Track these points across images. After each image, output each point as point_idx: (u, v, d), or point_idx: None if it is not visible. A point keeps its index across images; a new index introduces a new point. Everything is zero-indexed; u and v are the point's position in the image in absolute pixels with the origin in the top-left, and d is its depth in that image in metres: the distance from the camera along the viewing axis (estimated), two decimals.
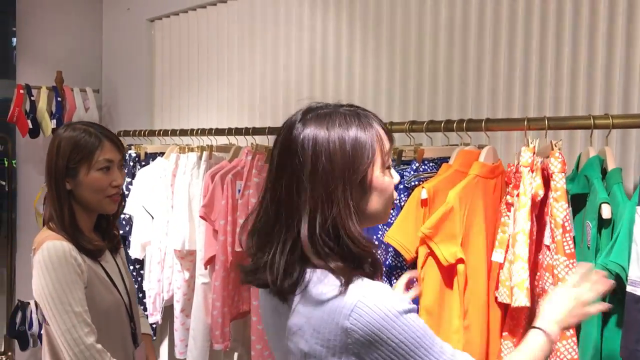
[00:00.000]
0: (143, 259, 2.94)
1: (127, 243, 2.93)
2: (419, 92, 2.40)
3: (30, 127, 3.71)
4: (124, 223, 2.95)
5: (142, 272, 2.96)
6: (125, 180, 2.83)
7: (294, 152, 1.03)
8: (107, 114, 4.17)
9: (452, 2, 2.28)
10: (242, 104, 3.16)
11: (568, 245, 1.49)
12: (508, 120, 1.92)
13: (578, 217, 1.64)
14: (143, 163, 3.07)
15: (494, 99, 2.18)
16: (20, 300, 3.85)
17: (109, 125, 3.90)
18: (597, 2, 1.92)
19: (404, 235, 1.68)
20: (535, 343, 1.12)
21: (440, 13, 2.31)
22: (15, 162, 4.02)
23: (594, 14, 1.93)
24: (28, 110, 3.75)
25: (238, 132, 2.62)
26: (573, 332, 1.47)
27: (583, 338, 1.53)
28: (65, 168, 1.60)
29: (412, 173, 1.85)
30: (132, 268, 2.93)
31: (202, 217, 2.47)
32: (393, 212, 1.75)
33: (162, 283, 2.82)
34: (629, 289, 1.37)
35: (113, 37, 4.14)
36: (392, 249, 1.74)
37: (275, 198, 1.05)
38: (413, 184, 1.81)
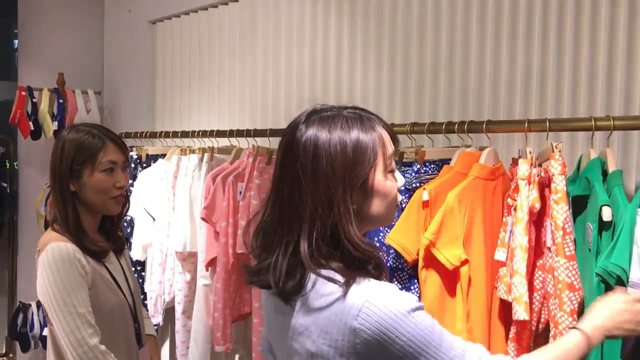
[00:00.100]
0: (144, 261, 2.95)
1: (128, 245, 2.93)
2: (420, 93, 2.39)
3: (32, 129, 3.71)
4: (125, 225, 2.95)
5: (143, 274, 2.96)
6: None
7: (297, 154, 1.04)
8: (108, 116, 4.18)
9: (453, 3, 2.28)
10: (243, 106, 3.16)
11: (568, 248, 1.49)
12: (509, 122, 1.91)
13: (579, 219, 1.63)
14: (144, 165, 3.07)
15: (495, 101, 2.18)
16: (22, 302, 3.85)
17: (111, 127, 3.87)
18: (598, 3, 1.92)
19: (405, 237, 1.68)
20: (572, 342, 1.10)
21: (442, 14, 2.31)
22: (17, 163, 4.02)
23: (596, 15, 1.92)
24: (30, 112, 3.76)
25: (239, 133, 2.62)
26: None
27: None
28: (69, 170, 1.61)
29: (413, 175, 1.84)
30: (133, 270, 2.93)
31: (203, 218, 2.46)
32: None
33: (163, 285, 2.82)
34: (630, 291, 1.36)
35: (114, 39, 4.15)
36: (393, 251, 1.74)
37: (279, 200, 1.06)
38: (414, 186, 1.80)
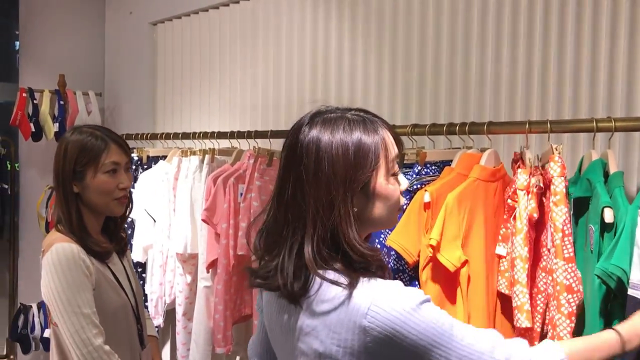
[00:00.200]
0: (145, 263, 2.95)
1: (129, 246, 2.93)
2: (421, 95, 2.39)
3: (33, 130, 3.71)
4: (126, 226, 2.95)
5: (143, 275, 2.96)
6: None
7: (300, 155, 1.04)
8: (109, 118, 4.18)
9: (454, 5, 2.28)
10: (244, 107, 3.16)
11: (567, 250, 1.49)
12: (510, 124, 1.91)
13: (581, 220, 1.63)
14: (145, 166, 3.07)
15: (497, 102, 2.18)
16: (23, 304, 3.85)
17: (112, 129, 3.87)
18: (599, 5, 1.92)
19: (406, 239, 1.68)
20: (602, 338, 1.10)
21: (443, 16, 2.31)
22: (18, 165, 4.02)
23: (597, 16, 1.92)
24: (31, 114, 3.76)
25: (240, 135, 2.62)
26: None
27: None
28: (72, 171, 1.62)
29: (414, 176, 1.84)
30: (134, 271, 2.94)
31: (204, 220, 2.46)
32: None
33: (164, 286, 2.82)
34: (631, 292, 1.36)
35: (115, 40, 4.15)
36: (394, 252, 1.74)
37: (283, 201, 1.06)
38: (415, 188, 1.80)
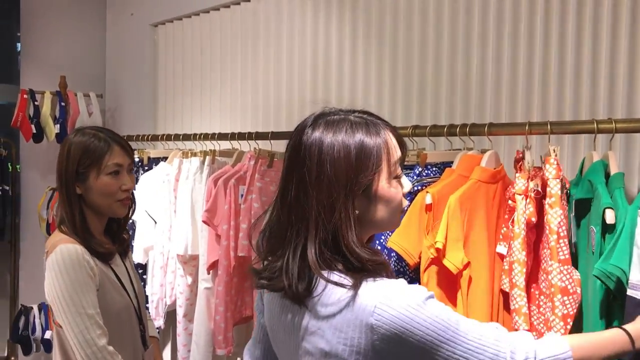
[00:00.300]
0: (146, 264, 2.94)
1: (130, 247, 2.93)
2: (422, 96, 2.39)
3: (34, 131, 3.71)
4: (127, 228, 2.95)
5: (144, 277, 2.95)
6: None
7: (303, 157, 1.04)
8: (110, 119, 4.18)
9: (454, 7, 2.28)
10: (245, 109, 3.16)
11: (562, 251, 1.49)
12: (511, 125, 1.91)
13: (583, 222, 1.62)
14: (146, 168, 3.07)
15: (497, 103, 2.18)
16: (24, 305, 3.85)
17: (113, 130, 3.89)
18: (600, 6, 1.92)
19: (407, 241, 1.68)
20: (609, 335, 1.11)
21: (443, 17, 2.31)
22: (19, 166, 4.03)
23: (597, 18, 1.92)
24: (32, 115, 3.76)
25: (241, 136, 2.62)
26: None
27: None
28: (75, 173, 1.62)
29: (415, 178, 1.84)
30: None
31: (204, 221, 2.46)
32: None
33: (164, 288, 2.82)
34: (630, 293, 1.35)
35: (117, 42, 4.16)
36: (394, 254, 1.74)
37: (286, 202, 1.07)
38: (416, 189, 1.80)
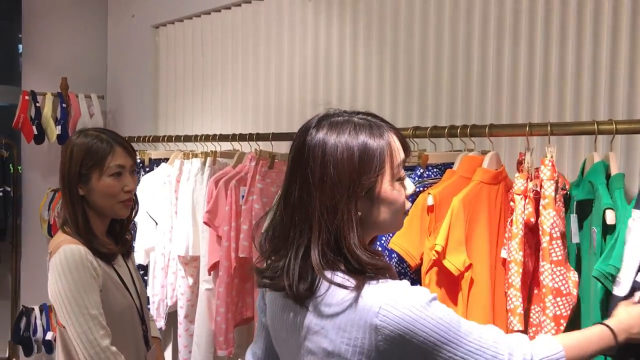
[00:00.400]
0: (147, 265, 2.95)
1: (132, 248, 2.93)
2: (423, 97, 2.39)
3: (35, 133, 3.71)
4: None
5: (145, 278, 2.96)
6: None
7: (306, 158, 1.05)
8: (111, 120, 4.18)
9: (455, 8, 2.28)
10: (246, 110, 3.17)
11: (555, 253, 1.49)
12: (512, 126, 1.91)
13: (586, 223, 1.63)
14: (147, 169, 3.07)
15: (498, 105, 2.18)
16: (25, 306, 3.86)
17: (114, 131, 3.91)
18: (601, 7, 1.92)
19: (409, 242, 1.68)
20: (594, 332, 1.14)
21: (444, 18, 2.31)
22: (21, 168, 4.03)
23: (598, 19, 1.92)
24: (33, 117, 3.76)
25: (242, 138, 2.62)
26: None
27: None
28: (78, 174, 1.62)
29: (416, 179, 1.84)
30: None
31: (205, 222, 2.47)
32: None
33: (165, 289, 2.82)
34: (614, 291, 1.36)
35: (118, 43, 4.16)
36: (395, 255, 1.74)
37: (289, 203, 1.07)
38: (418, 190, 1.80)
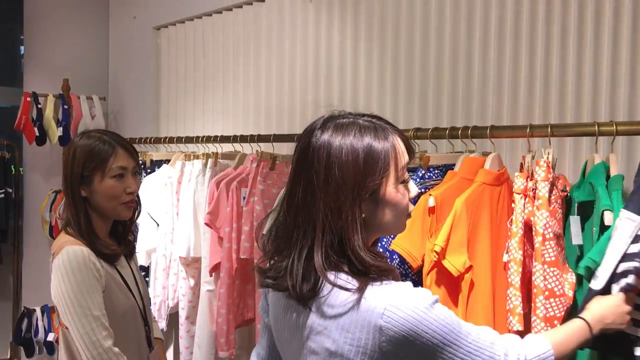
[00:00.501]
0: (148, 266, 2.95)
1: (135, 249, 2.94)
2: (424, 99, 2.40)
3: (37, 134, 3.73)
4: None
5: (147, 279, 2.96)
6: None
7: (311, 159, 1.05)
8: (113, 122, 4.19)
9: (456, 9, 2.28)
10: (247, 112, 3.17)
11: (548, 254, 1.49)
12: (513, 128, 1.91)
13: (587, 224, 1.63)
14: (149, 170, 3.08)
15: (499, 106, 2.18)
16: (27, 307, 3.86)
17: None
18: (602, 9, 1.92)
19: (411, 243, 1.68)
20: (574, 327, 1.20)
21: (445, 20, 2.32)
22: (22, 169, 4.04)
23: (599, 21, 1.92)
24: (35, 118, 3.78)
25: (243, 139, 2.63)
26: None
27: None
28: (80, 175, 1.63)
29: (417, 180, 1.84)
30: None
31: (207, 224, 2.47)
32: None
33: (167, 290, 2.82)
34: (591, 284, 1.36)
35: (119, 45, 4.17)
36: (397, 256, 1.74)
37: (293, 204, 1.08)
38: (419, 192, 1.80)
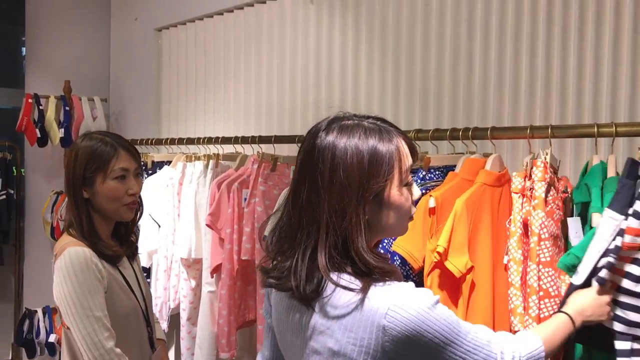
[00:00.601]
0: (149, 268, 2.95)
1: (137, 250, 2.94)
2: (425, 100, 2.40)
3: (39, 136, 3.73)
4: None
5: (148, 280, 2.96)
6: None
7: (316, 161, 1.06)
8: (114, 123, 4.20)
9: (457, 10, 2.29)
10: (248, 113, 3.17)
11: (543, 254, 1.49)
12: (513, 129, 1.91)
13: (586, 226, 1.63)
14: (150, 172, 3.08)
15: (500, 107, 2.18)
16: (28, 309, 3.86)
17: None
18: (602, 10, 1.92)
19: (412, 244, 1.68)
20: (560, 322, 1.22)
21: (446, 21, 2.32)
22: (24, 170, 4.05)
23: (600, 22, 1.93)
24: (36, 120, 3.78)
25: (244, 140, 2.63)
26: None
27: None
28: (82, 177, 1.63)
29: (418, 181, 1.85)
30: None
31: (208, 225, 2.47)
32: None
33: (168, 291, 2.83)
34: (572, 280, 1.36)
35: (121, 46, 4.18)
36: (397, 257, 1.74)
37: (297, 204, 1.08)
38: (420, 193, 1.81)
